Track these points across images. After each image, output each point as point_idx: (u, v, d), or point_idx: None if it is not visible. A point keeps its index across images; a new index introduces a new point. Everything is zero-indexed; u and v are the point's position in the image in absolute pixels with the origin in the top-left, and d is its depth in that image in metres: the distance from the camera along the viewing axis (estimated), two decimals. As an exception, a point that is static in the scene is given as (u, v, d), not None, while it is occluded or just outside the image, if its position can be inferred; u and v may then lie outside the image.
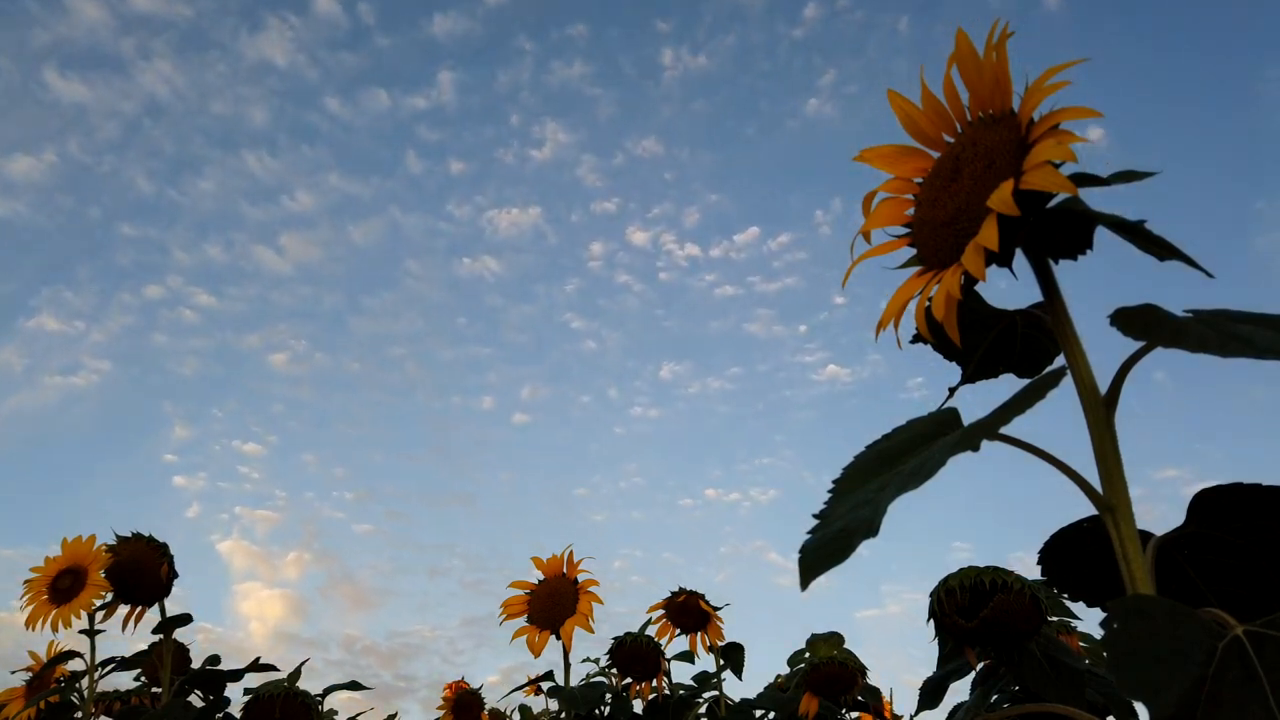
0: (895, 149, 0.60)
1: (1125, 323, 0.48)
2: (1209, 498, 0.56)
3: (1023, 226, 0.51)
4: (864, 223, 0.60)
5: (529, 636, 1.66)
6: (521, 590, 1.71)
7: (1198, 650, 0.40)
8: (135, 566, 1.54)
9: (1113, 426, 0.50)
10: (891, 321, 0.56)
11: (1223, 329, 0.45)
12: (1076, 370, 0.51)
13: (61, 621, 1.46)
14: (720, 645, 1.84)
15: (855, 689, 1.60)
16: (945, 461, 0.47)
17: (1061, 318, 0.52)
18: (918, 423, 0.56)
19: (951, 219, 0.53)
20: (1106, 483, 0.49)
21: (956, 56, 0.54)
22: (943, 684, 1.15)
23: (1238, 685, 0.38)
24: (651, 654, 1.77)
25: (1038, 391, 0.48)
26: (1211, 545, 0.57)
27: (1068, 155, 0.47)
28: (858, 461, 0.56)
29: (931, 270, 0.56)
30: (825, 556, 0.46)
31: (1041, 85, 0.49)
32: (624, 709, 1.77)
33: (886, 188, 0.60)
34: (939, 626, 1.05)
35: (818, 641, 1.67)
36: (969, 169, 0.53)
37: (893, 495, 0.47)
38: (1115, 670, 0.39)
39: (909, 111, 0.58)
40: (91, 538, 1.54)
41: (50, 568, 1.51)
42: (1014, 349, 0.61)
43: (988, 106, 0.54)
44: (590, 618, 1.65)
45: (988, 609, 0.99)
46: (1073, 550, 0.65)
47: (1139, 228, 0.49)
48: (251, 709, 1.48)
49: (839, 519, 0.50)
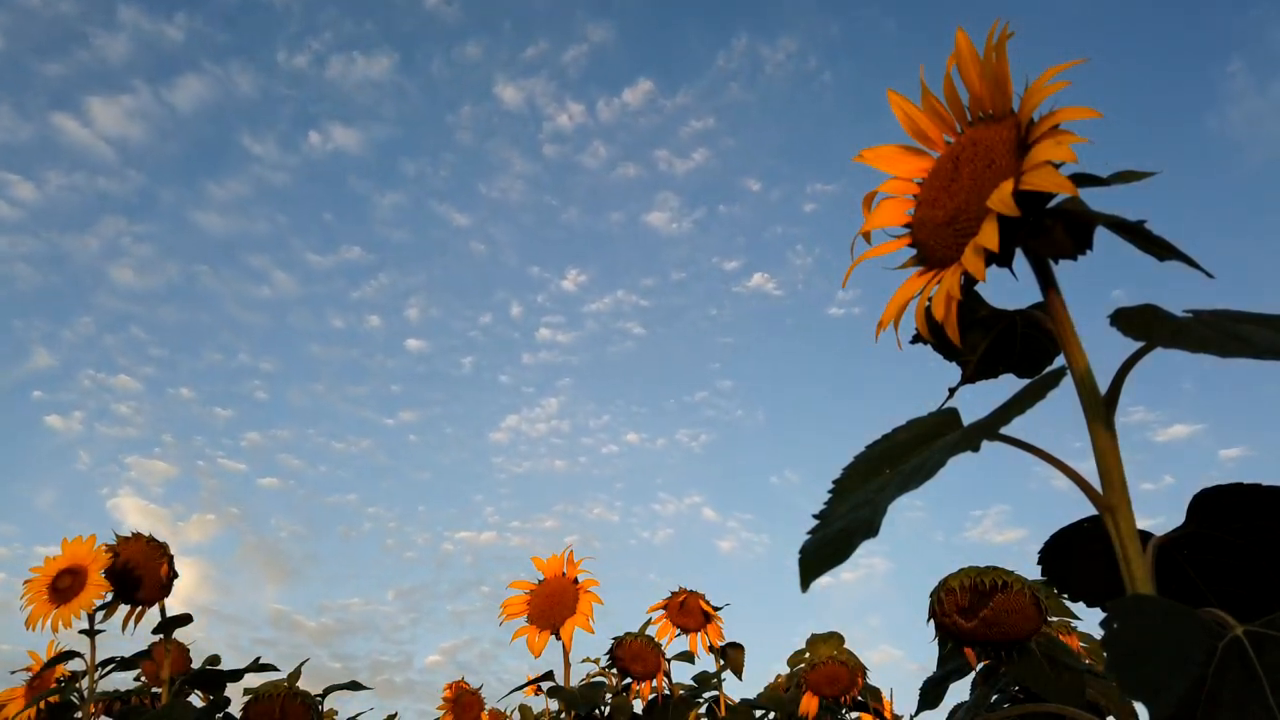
0: (895, 149, 0.60)
1: (1125, 323, 0.48)
2: (1209, 498, 0.56)
3: (1022, 226, 0.51)
4: (864, 223, 0.60)
5: (529, 636, 1.66)
6: (521, 590, 1.71)
7: (1198, 650, 0.40)
8: (135, 566, 1.54)
9: (1113, 426, 0.50)
10: (892, 322, 0.56)
11: (1223, 329, 0.45)
12: (1076, 370, 0.51)
13: (61, 621, 1.46)
14: (720, 645, 1.84)
15: (855, 689, 1.61)
16: (945, 462, 0.47)
17: (1061, 318, 0.52)
18: (918, 423, 0.56)
19: (951, 219, 0.53)
20: (1106, 483, 0.49)
21: (956, 56, 0.54)
22: (943, 684, 1.15)
23: (1238, 685, 0.38)
24: (651, 654, 1.77)
25: (1038, 391, 0.48)
26: (1211, 545, 0.57)
27: (1068, 156, 0.47)
28: (857, 461, 0.56)
29: (931, 270, 0.56)
30: (825, 557, 0.46)
31: (1041, 85, 0.49)
32: (624, 709, 1.77)
33: (886, 188, 0.60)
34: (939, 626, 1.05)
35: (818, 641, 1.67)
36: (969, 169, 0.53)
37: (893, 495, 0.47)
38: (1115, 670, 0.39)
39: (909, 111, 0.58)
40: (92, 537, 1.54)
41: (50, 568, 1.51)
42: (1014, 349, 0.61)
43: (987, 106, 0.54)
44: (590, 618, 1.65)
45: (988, 609, 0.99)
46: (1073, 550, 0.65)
47: (1139, 228, 0.49)
48: (252, 709, 1.48)
49: (839, 519, 0.50)
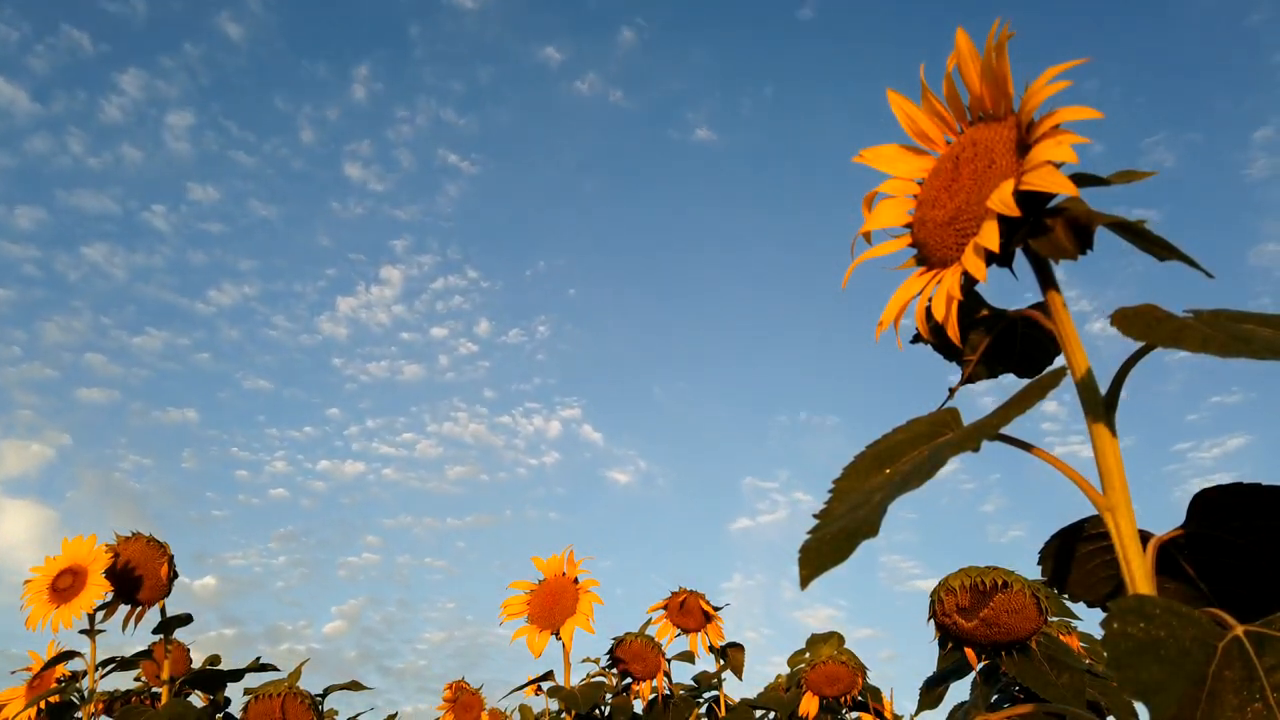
0: (895, 149, 0.60)
1: (1125, 323, 0.48)
2: (1209, 498, 0.56)
3: (1023, 227, 0.51)
4: (864, 223, 0.60)
5: (529, 636, 1.66)
6: (521, 590, 1.71)
7: (1198, 650, 0.40)
8: (135, 566, 1.54)
9: (1113, 426, 0.50)
10: (892, 322, 0.56)
11: (1223, 329, 0.45)
12: (1077, 370, 0.51)
13: (62, 621, 1.46)
14: (720, 645, 1.84)
15: (855, 688, 1.61)
16: (946, 461, 0.47)
17: (1061, 318, 0.52)
18: (917, 422, 0.56)
19: (951, 219, 0.53)
20: (1106, 483, 0.49)
21: (957, 56, 0.54)
22: (943, 684, 1.15)
23: (1238, 685, 0.38)
24: (652, 654, 1.77)
25: (1038, 391, 0.48)
26: (1211, 545, 0.57)
27: (1068, 156, 0.47)
28: (857, 461, 0.56)
29: (931, 270, 0.56)
30: (826, 556, 0.46)
31: (1042, 85, 0.49)
32: (624, 709, 1.77)
33: (886, 188, 0.60)
34: (939, 626, 1.05)
35: (818, 641, 1.67)
36: (969, 169, 0.53)
37: (893, 495, 0.47)
38: (1115, 670, 0.39)
39: (909, 111, 0.58)
40: (92, 537, 1.54)
41: (50, 568, 1.51)
42: (1014, 349, 0.61)
43: (988, 106, 0.54)
44: (590, 618, 1.65)
45: (988, 609, 0.99)
46: (1073, 550, 0.65)
47: (1139, 228, 0.49)
48: (252, 708, 1.48)
49: (839, 519, 0.50)
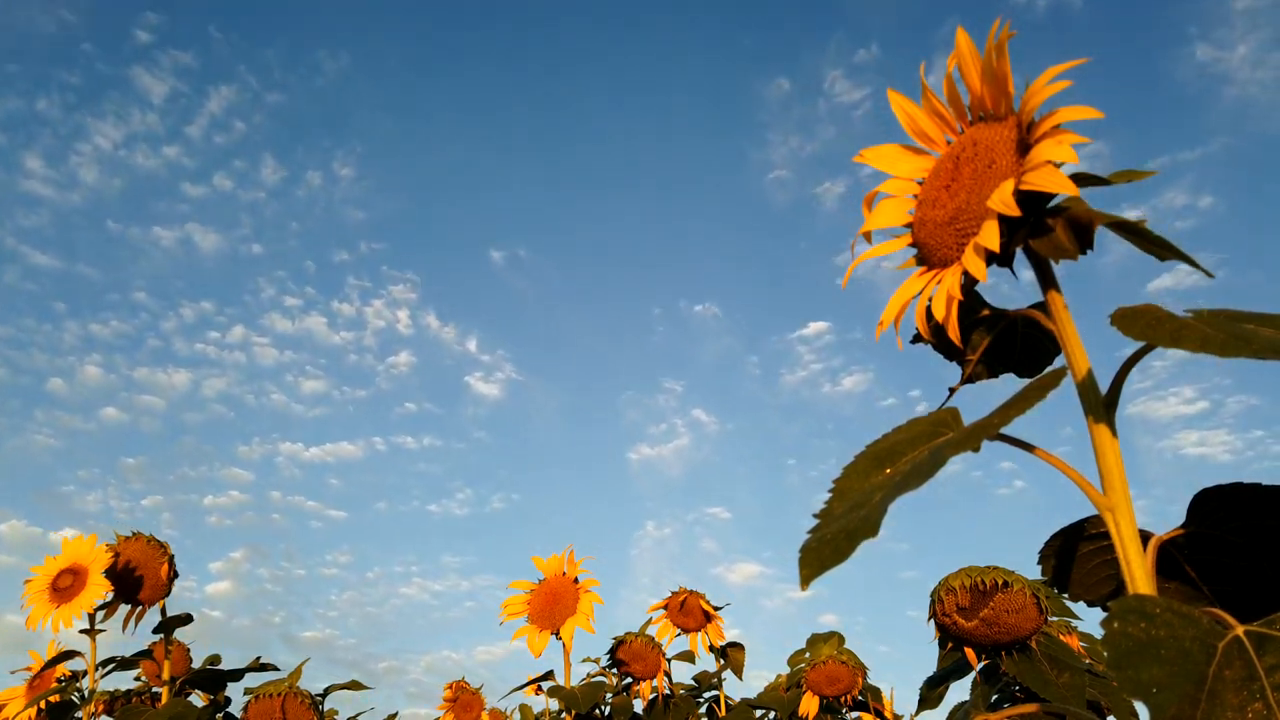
0: (895, 149, 0.60)
1: (1125, 323, 0.48)
2: (1209, 497, 0.56)
3: (1023, 226, 0.51)
4: (864, 223, 0.60)
5: (529, 636, 1.66)
6: (522, 590, 1.71)
7: (1198, 650, 0.40)
8: (136, 566, 1.54)
9: (1113, 426, 0.50)
10: (892, 322, 0.56)
11: (1223, 328, 0.45)
12: (1077, 371, 0.51)
13: (62, 621, 1.46)
14: (720, 645, 1.84)
15: (855, 688, 1.61)
16: (946, 461, 0.47)
17: (1061, 318, 0.52)
18: (917, 422, 0.56)
19: (952, 219, 0.53)
20: (1106, 483, 0.49)
21: (957, 56, 0.54)
22: (943, 684, 1.15)
23: (1238, 685, 0.38)
24: (652, 654, 1.77)
25: (1038, 391, 0.48)
26: (1211, 545, 0.57)
27: (1069, 156, 0.47)
28: (857, 461, 0.56)
29: (932, 270, 0.56)
30: (826, 556, 0.46)
31: (1042, 85, 0.49)
32: (624, 709, 1.77)
33: (887, 188, 0.60)
34: (939, 626, 1.05)
35: (818, 641, 1.67)
36: (969, 169, 0.53)
37: (893, 495, 0.47)
38: (1115, 670, 0.39)
39: (909, 111, 0.58)
40: (93, 537, 1.54)
41: (51, 567, 1.51)
42: (1014, 349, 0.61)
43: (988, 106, 0.54)
44: (591, 617, 1.65)
45: (988, 609, 0.99)
46: (1073, 550, 0.65)
47: (1139, 228, 0.49)
48: (253, 708, 1.48)
49: (839, 519, 0.50)
